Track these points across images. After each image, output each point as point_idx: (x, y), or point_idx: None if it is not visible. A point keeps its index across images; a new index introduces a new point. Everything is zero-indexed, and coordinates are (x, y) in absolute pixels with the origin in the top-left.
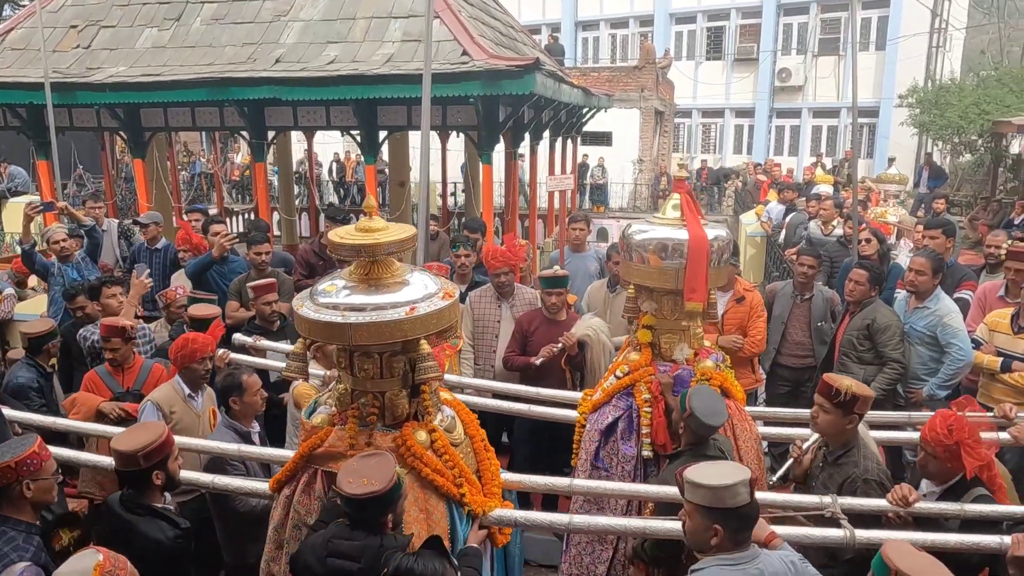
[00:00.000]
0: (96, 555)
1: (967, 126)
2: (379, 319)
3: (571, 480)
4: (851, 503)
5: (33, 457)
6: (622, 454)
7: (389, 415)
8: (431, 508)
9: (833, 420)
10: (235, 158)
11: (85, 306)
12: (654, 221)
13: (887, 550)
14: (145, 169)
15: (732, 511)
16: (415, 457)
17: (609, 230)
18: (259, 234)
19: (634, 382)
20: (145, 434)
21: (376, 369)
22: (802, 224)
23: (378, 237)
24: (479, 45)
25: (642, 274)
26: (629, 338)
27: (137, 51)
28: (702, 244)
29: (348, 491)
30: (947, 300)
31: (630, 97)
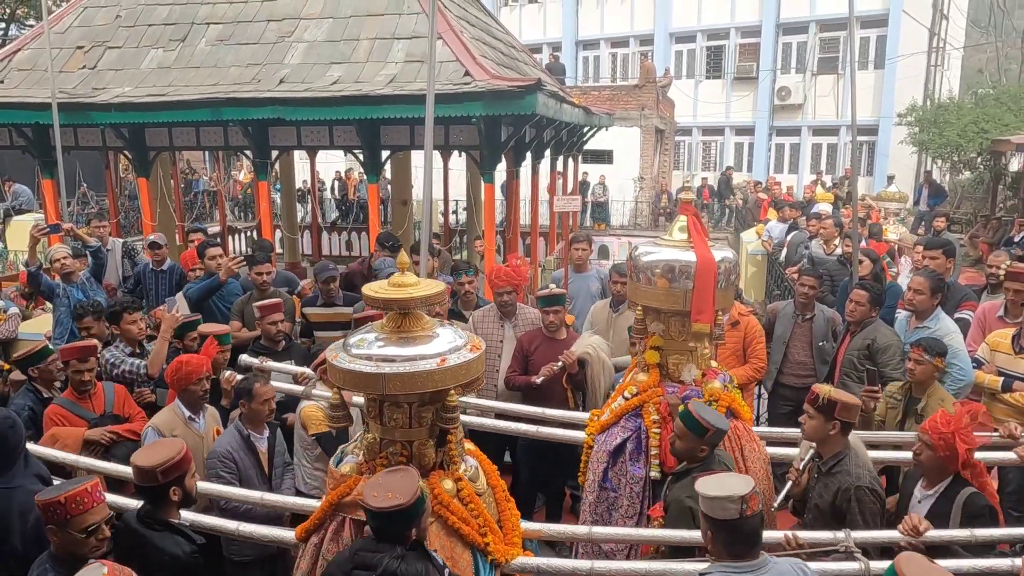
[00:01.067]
0: (101, 568)
1: (966, 144)
2: (412, 370)
3: (590, 528)
4: (864, 536)
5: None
6: (631, 475)
7: (416, 464)
8: (456, 556)
9: (816, 425)
10: (238, 175)
11: (92, 327)
12: (661, 243)
13: (900, 563)
14: (149, 188)
15: (720, 522)
16: (442, 506)
17: (610, 247)
18: (262, 254)
19: (642, 403)
20: (164, 450)
21: (405, 419)
22: (803, 243)
23: (411, 292)
24: (481, 66)
25: (649, 296)
26: (637, 359)
27: (143, 72)
28: (709, 266)
29: (373, 504)
30: (947, 320)
31: (631, 115)
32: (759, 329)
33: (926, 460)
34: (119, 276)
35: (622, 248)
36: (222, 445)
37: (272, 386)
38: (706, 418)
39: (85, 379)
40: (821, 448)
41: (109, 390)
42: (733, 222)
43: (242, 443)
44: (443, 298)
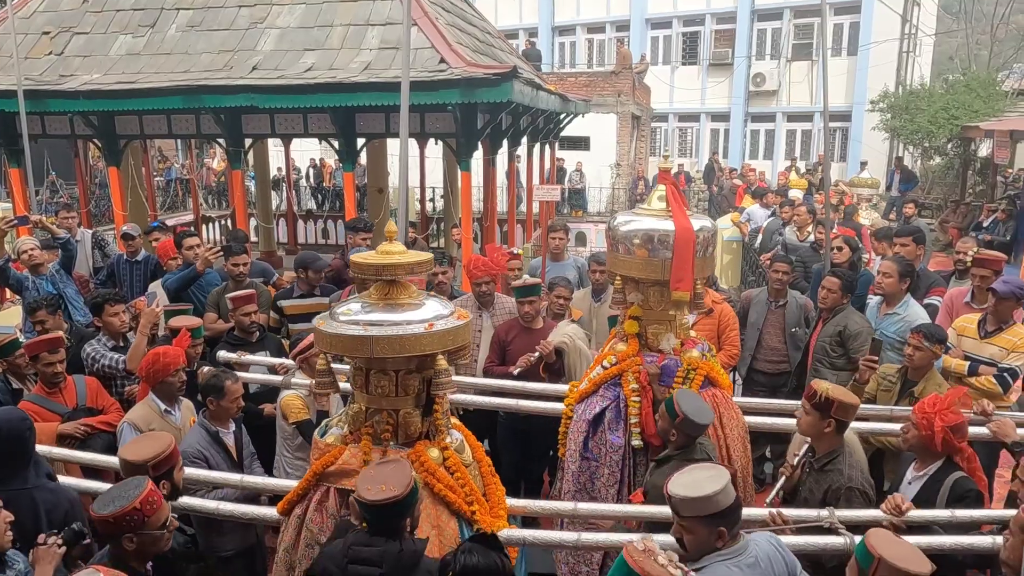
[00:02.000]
0: (96, 574)
1: (936, 131)
2: (400, 333)
3: (575, 504)
4: (848, 515)
5: (134, 514)
6: (610, 443)
7: (402, 433)
8: (443, 525)
9: (812, 421)
10: (211, 163)
11: (46, 320)
12: (640, 212)
13: (871, 539)
14: (120, 177)
15: (729, 510)
16: (428, 473)
17: (588, 234)
18: (238, 245)
19: (621, 372)
20: (154, 444)
21: (392, 387)
22: (778, 230)
23: (397, 259)
24: (457, 53)
25: (628, 265)
26: (616, 328)
27: (111, 58)
28: (688, 234)
29: (369, 498)
30: (916, 306)
31: (607, 102)
32: (733, 316)
33: (911, 439)
34: (89, 267)
35: (599, 235)
36: (191, 445)
37: (247, 377)
38: (682, 405)
39: (57, 371)
40: (815, 444)
41: (80, 383)
42: (708, 208)
43: (210, 440)
44: (429, 266)
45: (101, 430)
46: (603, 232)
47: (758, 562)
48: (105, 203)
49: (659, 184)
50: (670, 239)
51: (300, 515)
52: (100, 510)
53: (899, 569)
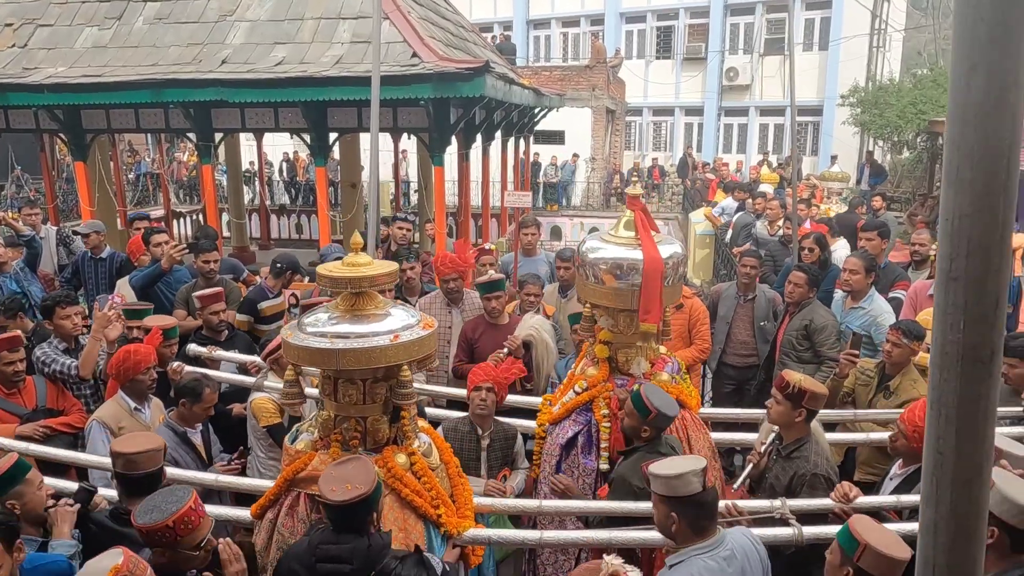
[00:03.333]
0: (117, 556)
1: (905, 125)
2: (365, 345)
3: (540, 502)
4: (798, 504)
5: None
6: (583, 467)
7: (370, 439)
8: (410, 528)
9: (783, 411)
10: (182, 157)
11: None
12: (608, 239)
13: (854, 525)
14: (87, 172)
15: (686, 499)
16: (395, 479)
17: (563, 228)
18: (207, 242)
19: (592, 398)
20: (147, 441)
21: (359, 395)
22: (750, 224)
23: (363, 271)
24: (429, 47)
25: (598, 295)
26: (587, 351)
27: (77, 51)
28: (657, 265)
29: (335, 499)
30: (880, 300)
31: (581, 96)
32: (703, 311)
33: (901, 447)
34: (55, 265)
35: (574, 229)
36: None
37: (217, 376)
38: (653, 401)
39: (17, 370)
40: (784, 432)
41: (41, 383)
42: (683, 202)
43: (179, 440)
44: (394, 278)
45: (61, 432)
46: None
47: (734, 555)
48: (73, 199)
49: (627, 209)
50: (639, 267)
51: (272, 519)
52: (138, 518)
53: (883, 555)
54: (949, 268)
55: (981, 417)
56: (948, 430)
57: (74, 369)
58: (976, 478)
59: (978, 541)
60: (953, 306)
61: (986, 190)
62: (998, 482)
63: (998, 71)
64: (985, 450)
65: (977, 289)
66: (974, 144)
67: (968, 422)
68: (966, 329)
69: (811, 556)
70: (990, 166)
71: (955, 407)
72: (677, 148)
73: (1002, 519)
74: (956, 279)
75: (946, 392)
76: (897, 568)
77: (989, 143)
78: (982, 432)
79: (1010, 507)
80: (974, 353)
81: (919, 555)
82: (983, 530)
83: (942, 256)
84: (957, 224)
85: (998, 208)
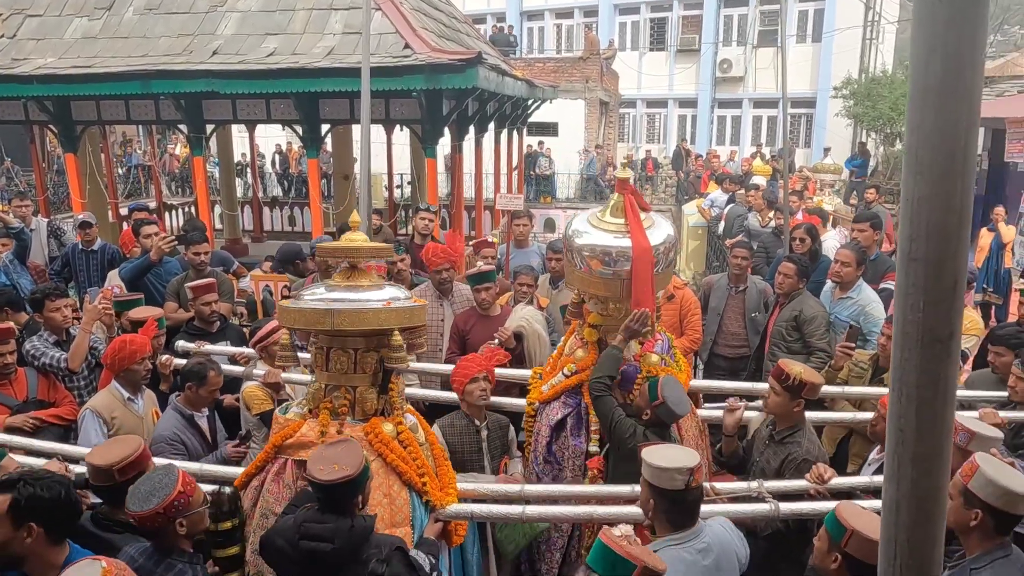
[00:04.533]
0: (99, 564)
1: (897, 117)
2: (360, 307)
3: (522, 486)
4: (776, 485)
5: (180, 497)
6: (572, 448)
7: (359, 409)
8: (394, 494)
9: (781, 402)
10: (174, 149)
11: None
12: (597, 224)
13: (841, 511)
14: (78, 163)
15: (665, 492)
16: (382, 443)
17: (556, 221)
18: (198, 234)
19: (581, 382)
20: (121, 448)
21: (350, 364)
22: (741, 216)
23: (359, 244)
24: (421, 38)
25: (587, 283)
26: (576, 334)
27: (66, 42)
28: (647, 255)
29: (321, 478)
30: (869, 290)
31: (575, 88)
32: (694, 301)
33: (880, 431)
34: (45, 257)
35: (568, 221)
36: (167, 428)
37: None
38: (664, 392)
39: (7, 362)
40: (779, 421)
41: (32, 375)
42: (676, 194)
43: (186, 424)
44: (389, 253)
45: (51, 423)
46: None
47: (710, 548)
48: (63, 191)
49: (616, 193)
50: (628, 255)
51: (258, 486)
52: (144, 506)
53: (870, 540)
54: (909, 249)
55: (940, 396)
56: (908, 409)
57: (63, 362)
58: (936, 456)
59: (938, 519)
60: (913, 287)
61: (944, 173)
62: (983, 466)
63: (955, 54)
64: (945, 429)
65: (936, 271)
66: (932, 127)
67: (928, 401)
68: (925, 310)
69: (790, 537)
70: (948, 149)
71: (915, 387)
72: (671, 140)
73: (987, 502)
74: (916, 260)
75: (907, 371)
76: None
77: (947, 126)
78: (941, 411)
79: (994, 490)
80: (933, 333)
81: (882, 533)
82: (943, 508)
83: (902, 237)
84: (916, 207)
85: (955, 191)
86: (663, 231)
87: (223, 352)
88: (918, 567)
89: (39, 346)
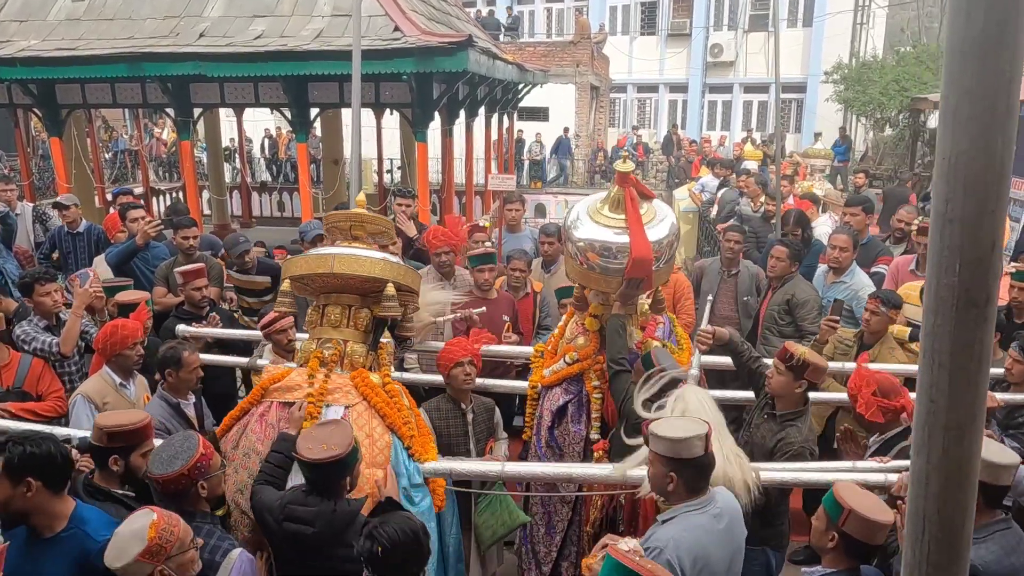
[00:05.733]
0: (151, 514)
1: (888, 102)
2: (358, 254)
3: (503, 465)
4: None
5: (202, 460)
6: (572, 434)
7: (348, 363)
8: (376, 437)
9: (784, 382)
10: (161, 134)
11: None
12: (596, 218)
13: (839, 491)
14: (63, 148)
15: (688, 461)
16: (368, 388)
17: (547, 206)
18: (186, 218)
19: (583, 370)
20: (123, 416)
21: (343, 318)
22: (734, 200)
23: (363, 212)
24: (411, 21)
25: (585, 277)
26: (576, 320)
27: (50, 23)
28: (646, 257)
29: (310, 456)
30: (862, 274)
31: (566, 72)
32: (687, 285)
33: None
34: (31, 242)
35: (559, 206)
36: (152, 417)
37: (210, 360)
38: (661, 360)
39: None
40: (779, 401)
41: (24, 364)
42: (667, 179)
43: (172, 412)
44: (390, 225)
45: (23, 418)
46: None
47: (723, 513)
48: (49, 176)
49: (617, 185)
50: (627, 251)
51: (240, 429)
52: (168, 469)
53: (867, 519)
54: (945, 209)
55: (975, 363)
56: (941, 376)
57: (55, 346)
58: (970, 425)
59: (970, 489)
60: (948, 248)
61: (985, 127)
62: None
63: (998, 2)
64: (980, 396)
65: (973, 230)
66: (973, 79)
67: (962, 368)
68: (961, 272)
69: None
70: (989, 102)
71: (948, 353)
72: (662, 125)
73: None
74: (952, 220)
75: (940, 337)
76: (880, 531)
77: (988, 78)
78: (975, 378)
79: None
80: (969, 297)
81: (910, 508)
82: (975, 479)
83: (937, 197)
84: (954, 162)
85: (996, 145)
86: (665, 225)
87: (217, 335)
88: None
89: (29, 331)
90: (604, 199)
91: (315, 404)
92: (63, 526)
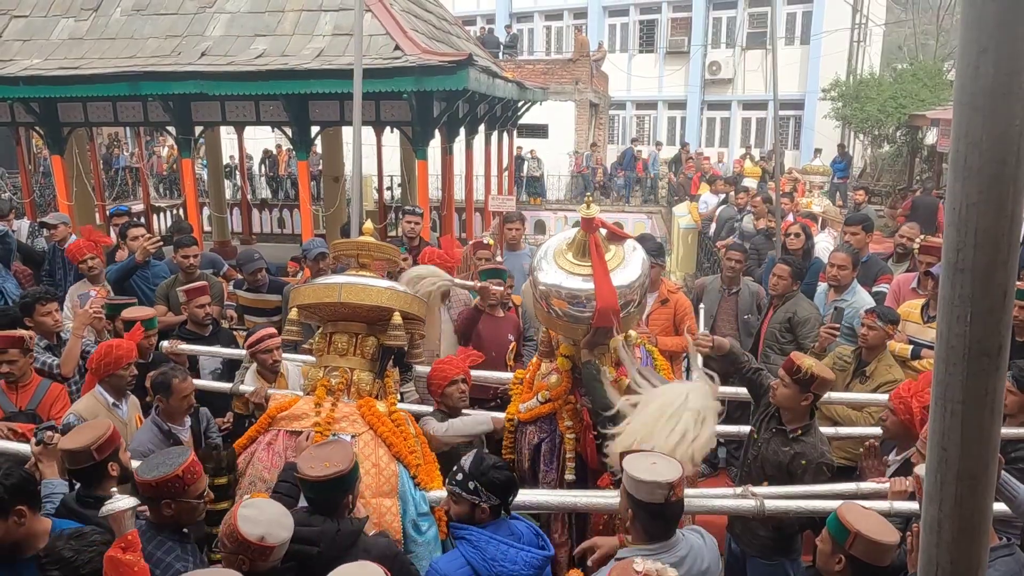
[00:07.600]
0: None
1: (885, 119)
2: (366, 283)
3: None
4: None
5: (175, 481)
6: (544, 473)
7: (354, 391)
8: (382, 466)
9: (790, 395)
10: (161, 151)
11: None
12: (561, 263)
13: (843, 513)
14: (64, 165)
15: (642, 504)
16: (374, 416)
17: (547, 222)
18: (187, 236)
19: (554, 410)
20: (92, 431)
21: (350, 347)
22: (733, 218)
23: (370, 240)
24: (412, 39)
25: (555, 325)
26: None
27: (53, 43)
28: (611, 306)
29: (311, 475)
30: (863, 293)
31: (565, 89)
32: (688, 305)
33: (891, 425)
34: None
35: (558, 223)
36: (142, 444)
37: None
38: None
39: (4, 371)
40: (785, 414)
41: (43, 387)
42: (667, 196)
43: (164, 438)
44: (396, 252)
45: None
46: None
47: (683, 561)
48: (50, 193)
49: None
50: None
51: (250, 454)
52: (144, 474)
53: (875, 541)
54: (956, 259)
55: (988, 412)
56: (953, 425)
57: (56, 368)
58: (982, 475)
59: (982, 538)
60: (960, 298)
61: (995, 178)
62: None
63: (1008, 55)
64: (992, 445)
65: (985, 280)
66: (982, 131)
67: (974, 418)
68: (973, 322)
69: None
70: (999, 154)
71: (961, 402)
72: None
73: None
74: (963, 270)
75: (951, 387)
76: (888, 552)
77: (998, 129)
78: (988, 427)
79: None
80: (981, 347)
81: (922, 556)
82: (988, 528)
83: (948, 248)
84: (964, 213)
85: (1007, 197)
86: (633, 268)
87: (200, 352)
88: None
89: None
90: (570, 243)
91: (322, 433)
92: (44, 543)
